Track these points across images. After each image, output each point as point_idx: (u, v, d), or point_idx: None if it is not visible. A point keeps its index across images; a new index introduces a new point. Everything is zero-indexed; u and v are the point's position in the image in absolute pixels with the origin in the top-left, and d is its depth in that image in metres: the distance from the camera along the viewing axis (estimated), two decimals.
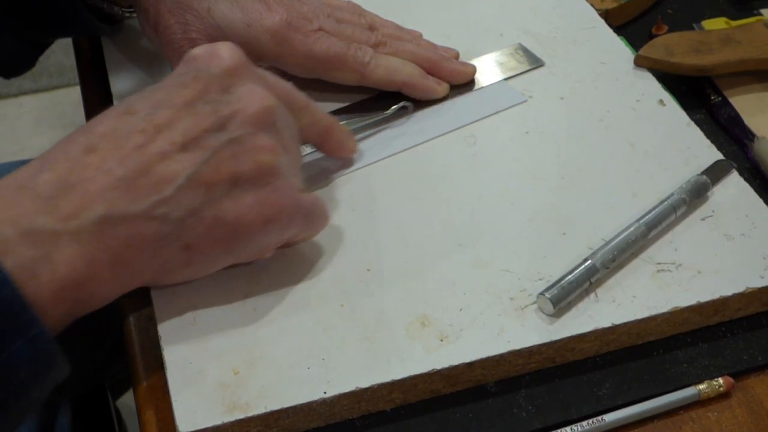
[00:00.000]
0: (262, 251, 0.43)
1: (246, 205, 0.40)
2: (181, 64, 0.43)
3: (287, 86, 0.46)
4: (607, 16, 0.64)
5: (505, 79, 0.58)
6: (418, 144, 0.54)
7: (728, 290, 0.45)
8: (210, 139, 0.39)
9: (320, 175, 0.51)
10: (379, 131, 0.54)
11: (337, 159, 0.52)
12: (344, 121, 0.52)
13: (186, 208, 0.38)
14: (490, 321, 0.44)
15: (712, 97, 0.59)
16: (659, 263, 0.47)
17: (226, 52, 0.42)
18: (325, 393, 0.41)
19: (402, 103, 0.55)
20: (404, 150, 0.53)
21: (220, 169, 0.39)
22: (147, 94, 0.40)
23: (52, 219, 0.36)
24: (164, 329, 0.43)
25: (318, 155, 0.52)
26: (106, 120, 0.39)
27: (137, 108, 0.39)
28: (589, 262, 0.45)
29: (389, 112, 0.54)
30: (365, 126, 0.54)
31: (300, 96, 0.46)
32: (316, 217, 0.45)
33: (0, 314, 0.33)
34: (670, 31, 0.63)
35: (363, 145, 0.53)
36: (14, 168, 0.37)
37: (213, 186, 0.39)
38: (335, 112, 0.55)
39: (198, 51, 0.42)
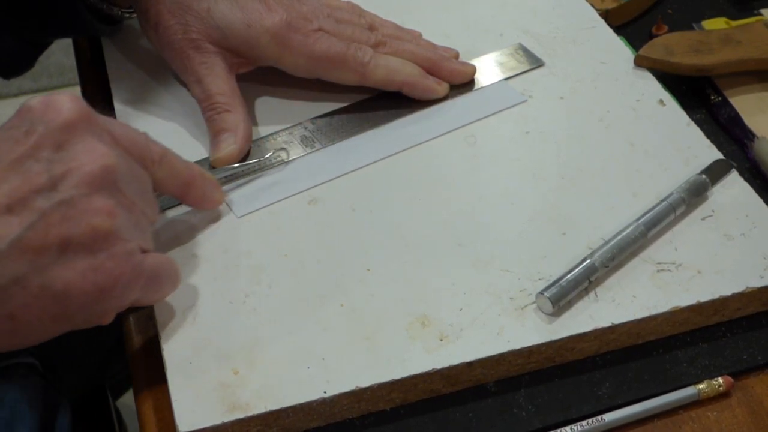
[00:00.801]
0: (100, 318, 0.39)
1: (77, 273, 0.36)
2: (14, 116, 0.39)
3: (139, 138, 0.42)
4: (607, 16, 0.64)
5: (505, 79, 0.58)
6: (418, 144, 0.54)
7: (728, 290, 0.45)
8: (39, 200, 0.36)
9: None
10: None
11: (202, 211, 0.49)
12: (214, 169, 0.50)
13: (9, 276, 0.35)
14: (490, 321, 0.44)
15: (712, 97, 0.59)
16: (659, 263, 0.47)
17: (65, 104, 0.38)
18: (325, 393, 0.41)
19: (274, 152, 0.52)
20: (404, 150, 0.53)
21: (49, 234, 0.36)
22: None
23: None
24: (164, 329, 0.43)
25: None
26: None
27: None
28: (588, 261, 0.45)
29: (264, 159, 0.51)
30: (258, 167, 0.51)
31: (154, 148, 0.43)
32: (161, 280, 0.42)
33: None
34: (670, 31, 0.63)
35: (361, 145, 0.53)
36: None
37: (40, 252, 0.36)
38: (334, 113, 0.55)
39: (33, 102, 0.39)
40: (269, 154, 0.52)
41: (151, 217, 0.41)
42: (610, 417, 0.42)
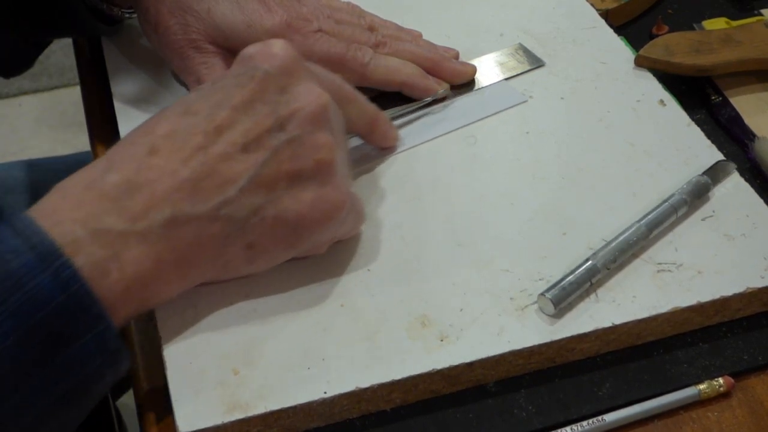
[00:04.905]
0: (319, 247, 0.44)
1: (307, 203, 0.41)
2: (236, 63, 0.44)
3: (336, 80, 0.46)
4: (607, 16, 0.64)
5: (506, 79, 0.58)
6: (418, 144, 0.54)
7: (728, 290, 0.45)
8: (270, 139, 0.40)
9: (360, 160, 0.52)
10: (416, 119, 0.55)
11: (380, 148, 0.53)
12: (384, 111, 0.53)
13: (249, 209, 0.39)
14: (490, 321, 0.44)
15: (712, 97, 0.59)
16: (660, 263, 0.47)
17: (280, 50, 0.42)
18: (325, 393, 0.41)
19: (441, 91, 0.55)
20: (404, 150, 0.53)
21: (281, 169, 0.40)
22: (205, 94, 0.41)
23: (120, 220, 0.37)
24: (164, 329, 0.43)
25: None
26: (166, 120, 0.40)
27: (196, 108, 0.40)
28: (590, 262, 0.45)
29: (427, 99, 0.55)
30: (404, 113, 0.55)
31: (348, 89, 0.47)
32: (361, 214, 0.46)
33: (71, 308, 0.34)
34: (670, 31, 0.63)
35: (361, 146, 0.53)
36: (15, 168, 0.38)
37: (274, 186, 0.40)
38: None
39: (252, 50, 0.43)
40: None
41: (348, 154, 0.45)
42: (610, 417, 0.42)
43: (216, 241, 0.39)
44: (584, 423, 0.42)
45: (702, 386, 0.43)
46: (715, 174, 0.51)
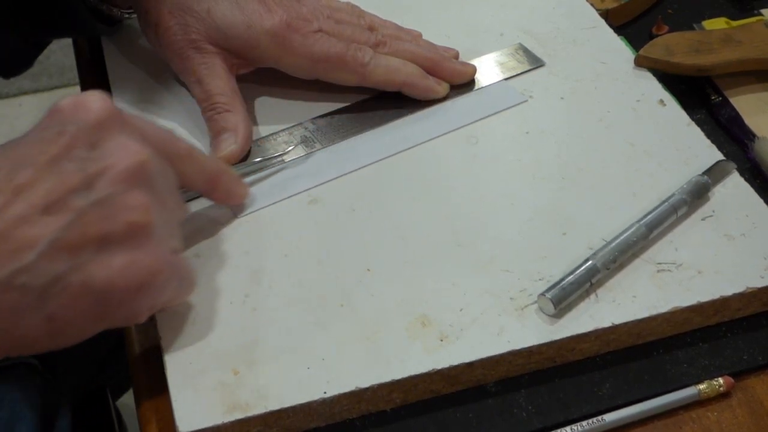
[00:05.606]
0: (136, 317, 0.39)
1: (116, 269, 0.36)
2: (45, 117, 0.39)
3: (166, 135, 0.42)
4: (607, 16, 0.64)
5: (505, 79, 0.58)
6: (418, 144, 0.54)
7: (728, 290, 0.45)
8: (75, 199, 0.36)
9: (209, 225, 0.48)
10: (279, 171, 0.52)
11: (228, 206, 0.49)
12: (234, 165, 0.50)
13: (49, 276, 0.35)
14: (490, 321, 0.44)
15: (712, 97, 0.59)
16: (660, 263, 0.47)
17: (94, 103, 0.38)
18: (325, 393, 0.41)
19: (275, 153, 0.52)
20: (404, 150, 0.53)
21: (87, 232, 0.36)
22: (6, 151, 0.37)
23: None
24: (164, 329, 0.43)
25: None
26: None
27: None
28: (590, 262, 0.45)
29: (265, 159, 0.51)
30: (255, 169, 0.51)
31: (181, 144, 0.43)
32: (188, 281, 0.42)
33: None
34: (670, 31, 0.63)
35: (361, 146, 0.53)
36: None
37: (79, 250, 0.36)
38: (334, 113, 0.55)
39: (63, 103, 0.39)
40: (269, 154, 0.52)
41: (179, 214, 0.42)
42: (610, 417, 0.42)
43: (11, 313, 0.35)
44: (584, 423, 0.42)
45: (702, 386, 0.43)
46: (714, 174, 0.51)
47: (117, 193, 0.37)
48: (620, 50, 0.60)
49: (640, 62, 0.59)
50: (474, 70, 0.58)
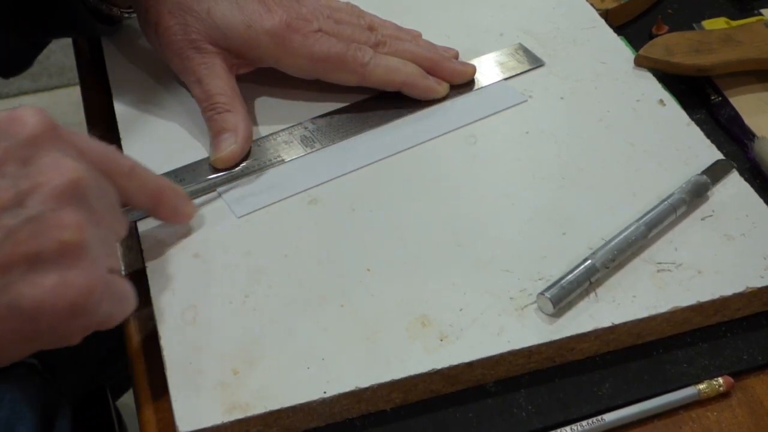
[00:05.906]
0: (70, 338, 0.38)
1: (46, 289, 0.35)
2: None
3: (107, 151, 0.41)
4: (607, 16, 0.64)
5: (505, 79, 0.58)
6: (418, 144, 0.54)
7: (728, 290, 0.45)
8: (5, 217, 0.35)
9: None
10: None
11: (173, 224, 0.48)
12: (184, 183, 0.49)
13: None
14: (490, 321, 0.44)
15: (712, 97, 0.59)
16: (659, 263, 0.47)
17: (30, 118, 0.37)
18: (324, 393, 0.41)
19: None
20: (404, 150, 0.53)
21: (16, 251, 0.34)
22: None
23: None
24: (164, 329, 0.43)
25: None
26: None
27: None
28: (589, 261, 0.45)
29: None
30: (209, 186, 0.50)
31: (123, 161, 0.42)
32: (125, 300, 0.40)
33: None
34: (670, 31, 0.63)
35: (361, 145, 0.53)
36: None
37: (8, 269, 0.34)
38: (334, 113, 0.55)
39: None
40: (269, 154, 0.52)
41: (118, 232, 0.41)
42: (610, 417, 0.42)
43: None
44: (584, 423, 0.42)
45: (702, 386, 0.43)
46: (714, 173, 0.51)
47: (49, 211, 0.35)
48: (620, 50, 0.60)
49: (639, 62, 0.59)
50: (474, 70, 0.58)
